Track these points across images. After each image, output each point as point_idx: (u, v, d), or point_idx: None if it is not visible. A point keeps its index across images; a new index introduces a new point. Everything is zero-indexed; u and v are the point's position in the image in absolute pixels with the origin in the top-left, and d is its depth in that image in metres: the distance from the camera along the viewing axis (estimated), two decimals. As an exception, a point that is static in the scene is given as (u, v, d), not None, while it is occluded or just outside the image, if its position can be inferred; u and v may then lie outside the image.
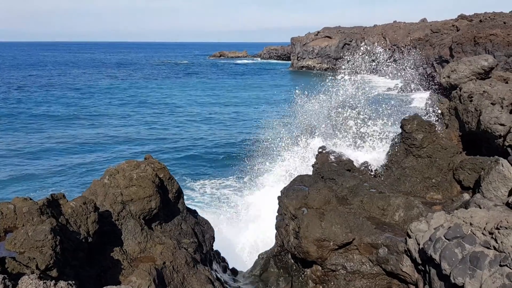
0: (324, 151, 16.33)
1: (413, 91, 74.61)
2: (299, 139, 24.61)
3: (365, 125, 18.30)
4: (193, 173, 32.29)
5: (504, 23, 60.36)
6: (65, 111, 59.46)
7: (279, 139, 25.43)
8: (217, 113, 60.25)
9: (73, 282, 5.94)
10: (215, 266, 12.98)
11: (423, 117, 16.57)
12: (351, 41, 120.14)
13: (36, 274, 5.83)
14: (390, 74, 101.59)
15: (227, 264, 14.50)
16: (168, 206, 11.39)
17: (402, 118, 16.65)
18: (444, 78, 18.03)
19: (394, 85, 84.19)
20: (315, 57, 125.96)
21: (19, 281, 5.54)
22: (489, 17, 66.31)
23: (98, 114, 57.84)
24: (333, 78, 22.05)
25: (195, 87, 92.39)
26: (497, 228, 8.10)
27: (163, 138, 44.86)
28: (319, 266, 11.88)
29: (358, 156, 16.73)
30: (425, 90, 70.18)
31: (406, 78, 77.36)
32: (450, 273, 8.38)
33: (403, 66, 72.73)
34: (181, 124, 52.13)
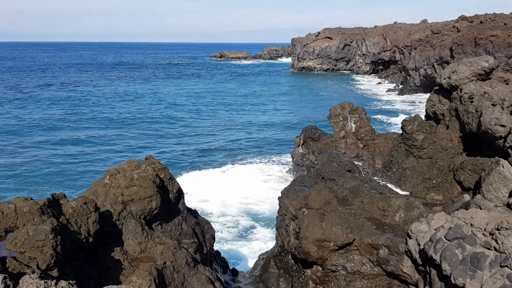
0: (324, 152, 16.35)
1: (413, 92, 74.64)
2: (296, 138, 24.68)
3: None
4: (193, 173, 32.30)
5: (505, 24, 60.32)
6: (65, 111, 59.55)
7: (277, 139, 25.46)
8: (217, 113, 60.40)
9: (74, 281, 5.94)
10: (215, 266, 12.99)
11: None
12: (351, 41, 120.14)
13: (37, 274, 5.83)
14: (391, 75, 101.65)
15: (228, 264, 14.52)
16: (168, 206, 11.40)
17: (403, 119, 16.69)
18: (444, 79, 18.04)
19: (394, 86, 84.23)
20: (315, 58, 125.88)
21: (20, 280, 5.55)
22: (490, 18, 66.29)
23: (98, 114, 57.93)
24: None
25: (195, 87, 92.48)
26: (497, 229, 8.10)
27: (163, 138, 44.96)
28: (319, 267, 11.88)
29: None
30: (425, 91, 70.16)
31: (407, 79, 77.42)
32: (451, 273, 8.39)
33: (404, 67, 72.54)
34: (181, 124, 52.25)
